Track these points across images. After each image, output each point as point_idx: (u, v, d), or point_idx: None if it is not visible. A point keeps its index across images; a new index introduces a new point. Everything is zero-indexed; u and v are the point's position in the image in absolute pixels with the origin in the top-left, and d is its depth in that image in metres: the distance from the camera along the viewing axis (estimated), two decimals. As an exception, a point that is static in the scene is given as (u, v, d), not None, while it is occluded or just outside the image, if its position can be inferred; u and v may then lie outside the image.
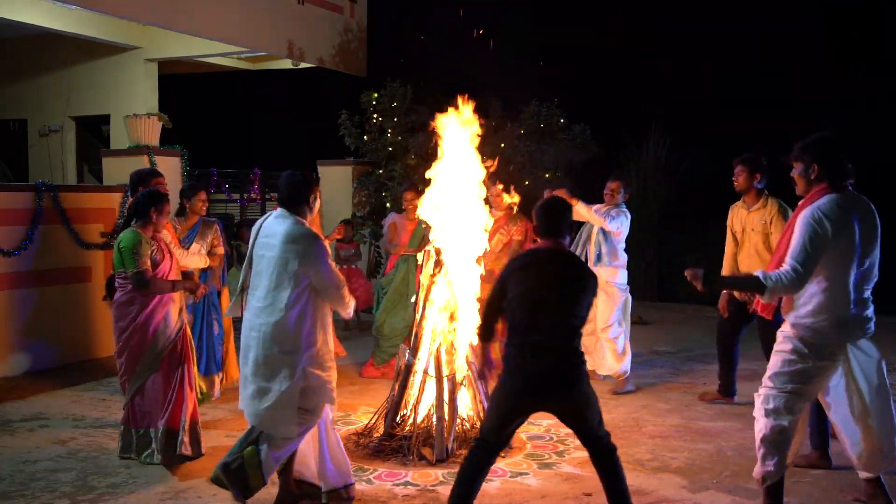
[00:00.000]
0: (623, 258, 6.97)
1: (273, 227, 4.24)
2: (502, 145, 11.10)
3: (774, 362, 4.28)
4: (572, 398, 3.95)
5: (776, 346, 4.32)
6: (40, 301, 7.78)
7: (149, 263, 5.03)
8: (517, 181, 11.15)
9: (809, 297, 4.14)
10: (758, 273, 4.14)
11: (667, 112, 13.33)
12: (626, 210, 6.92)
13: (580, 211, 6.69)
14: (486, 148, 11.28)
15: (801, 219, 4.09)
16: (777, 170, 4.50)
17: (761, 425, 4.26)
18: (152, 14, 9.46)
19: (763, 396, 4.28)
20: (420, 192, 7.58)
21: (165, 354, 5.11)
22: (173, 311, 5.20)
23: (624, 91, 14.09)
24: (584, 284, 4.01)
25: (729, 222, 6.47)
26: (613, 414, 6.29)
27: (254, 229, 4.38)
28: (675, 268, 11.36)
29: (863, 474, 4.37)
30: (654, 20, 14.83)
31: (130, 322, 5.06)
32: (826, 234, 4.01)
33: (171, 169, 9.34)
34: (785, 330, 4.29)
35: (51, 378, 7.41)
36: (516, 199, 6.93)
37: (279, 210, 4.31)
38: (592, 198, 7.13)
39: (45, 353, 7.78)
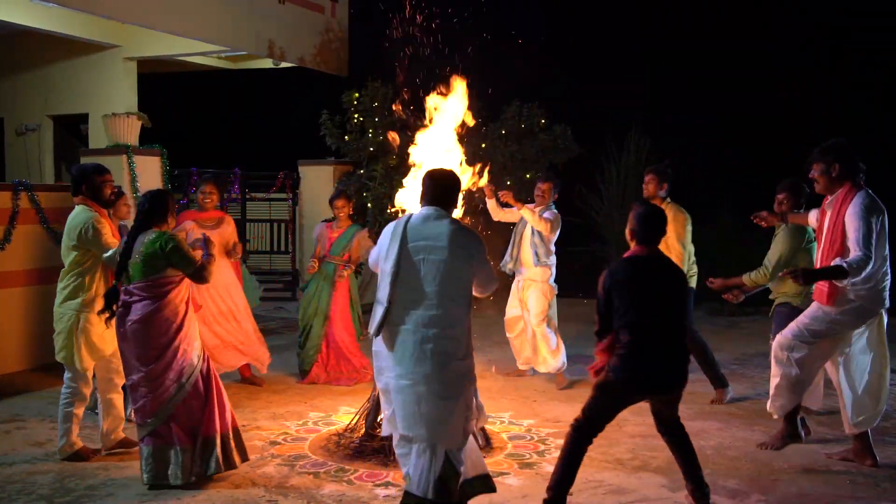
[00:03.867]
0: (554, 257, 7.25)
1: (431, 230, 3.97)
2: (483, 146, 11.12)
3: (807, 321, 5.08)
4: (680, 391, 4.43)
5: (811, 313, 5.08)
6: (18, 301, 7.71)
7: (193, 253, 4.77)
8: (498, 182, 11.19)
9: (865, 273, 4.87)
10: (838, 261, 4.82)
11: (647, 113, 13.40)
12: (556, 210, 7.23)
13: (524, 215, 7.02)
14: (467, 149, 11.32)
15: (855, 216, 4.82)
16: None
17: (779, 371, 5.17)
18: (132, 13, 9.37)
19: (787, 345, 5.12)
20: (350, 200, 7.67)
21: (201, 371, 4.77)
22: (196, 326, 4.87)
23: (605, 92, 14.15)
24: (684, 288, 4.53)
25: None
26: (594, 413, 6.33)
27: (395, 233, 4.02)
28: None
29: (854, 431, 5.10)
30: (634, 22, 14.91)
31: (170, 340, 4.63)
32: (876, 223, 4.83)
33: (150, 169, 9.29)
34: (827, 306, 5.01)
35: (28, 379, 7.34)
36: None
37: (430, 210, 4.05)
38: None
39: (22, 354, 7.70)
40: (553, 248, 7.23)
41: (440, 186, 4.12)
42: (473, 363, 4.07)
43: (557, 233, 7.17)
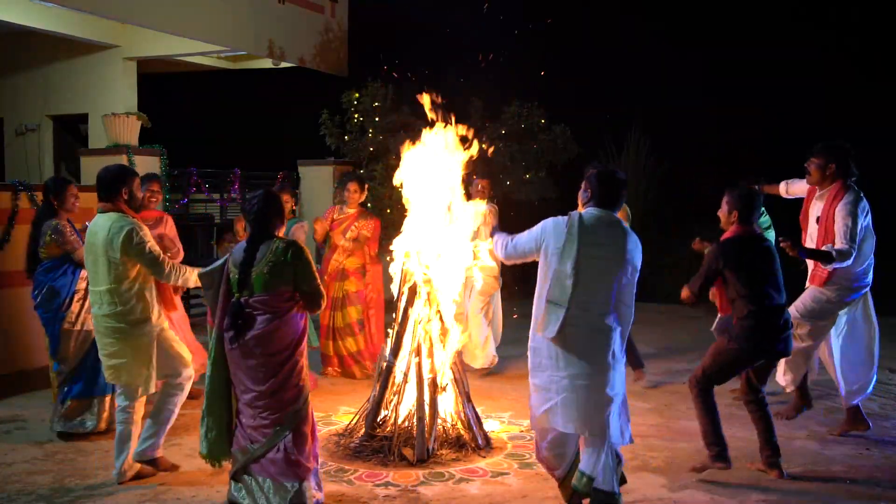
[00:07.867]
0: None
1: (606, 234, 4.12)
2: (484, 146, 11.11)
3: (808, 302, 5.59)
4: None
5: (811, 295, 5.59)
6: (19, 301, 7.70)
7: None
8: (498, 181, 11.20)
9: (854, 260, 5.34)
10: (828, 247, 5.29)
11: (647, 114, 13.41)
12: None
13: None
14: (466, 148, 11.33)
15: (844, 212, 5.32)
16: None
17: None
18: (131, 12, 9.39)
19: (794, 323, 5.32)
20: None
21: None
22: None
23: (605, 92, 14.16)
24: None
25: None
26: (594, 413, 6.32)
27: (571, 234, 4.07)
28: (654, 268, 11.39)
29: (849, 401, 5.65)
30: (634, 22, 14.91)
31: (287, 358, 4.19)
32: (863, 220, 5.35)
33: (150, 168, 9.29)
34: (821, 287, 5.55)
35: (29, 379, 7.33)
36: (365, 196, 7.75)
37: (601, 212, 4.17)
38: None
39: (22, 355, 7.70)
40: None
41: (607, 187, 4.23)
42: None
43: None
